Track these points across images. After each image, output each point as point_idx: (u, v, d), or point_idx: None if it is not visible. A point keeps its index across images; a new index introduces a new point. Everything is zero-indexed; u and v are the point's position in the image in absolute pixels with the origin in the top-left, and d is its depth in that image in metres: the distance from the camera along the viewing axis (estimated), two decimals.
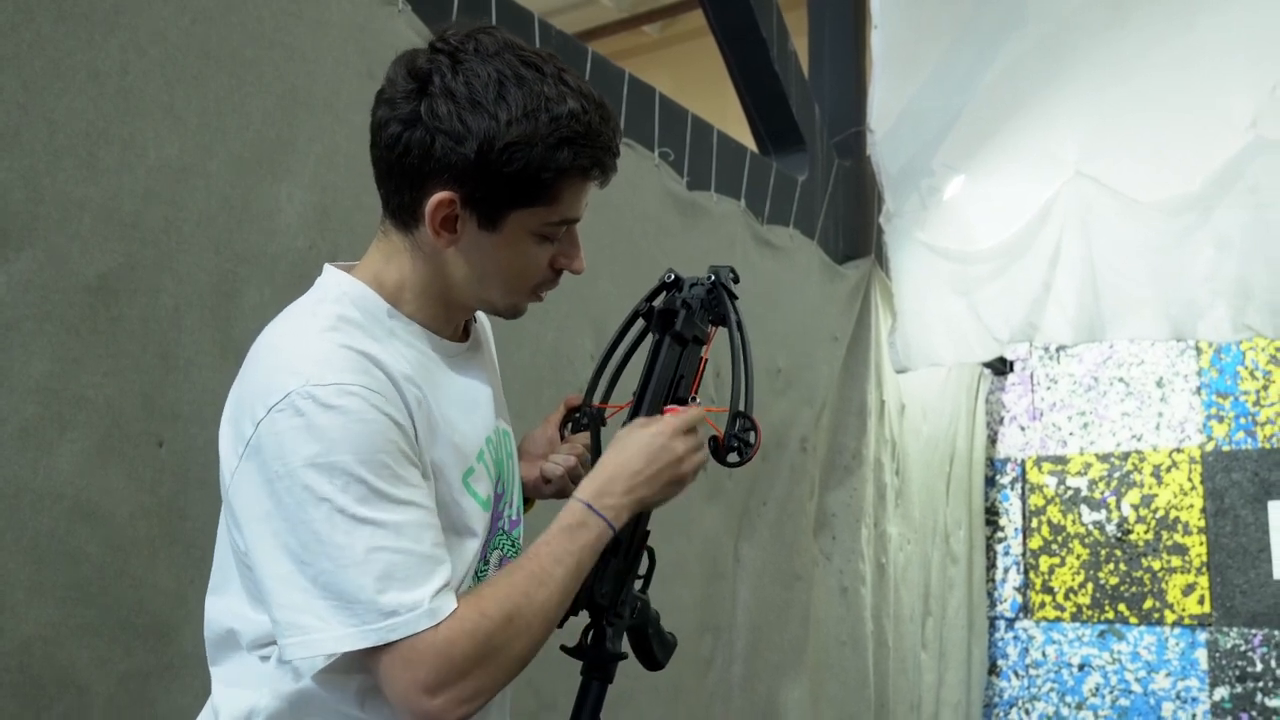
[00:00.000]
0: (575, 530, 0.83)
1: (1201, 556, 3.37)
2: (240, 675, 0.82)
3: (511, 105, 0.77)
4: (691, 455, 0.89)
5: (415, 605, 0.73)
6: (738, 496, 2.28)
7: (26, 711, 1.02)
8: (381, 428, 0.76)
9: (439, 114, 0.78)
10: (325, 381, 0.75)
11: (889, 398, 2.90)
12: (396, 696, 0.75)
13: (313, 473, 0.73)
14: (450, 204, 0.80)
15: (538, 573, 0.80)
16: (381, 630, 0.73)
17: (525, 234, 0.83)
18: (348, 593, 0.73)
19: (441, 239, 0.82)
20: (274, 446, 0.74)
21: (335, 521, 0.73)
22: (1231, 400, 3.42)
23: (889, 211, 2.80)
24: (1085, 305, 2.57)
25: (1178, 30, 2.34)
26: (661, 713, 1.99)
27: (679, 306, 0.98)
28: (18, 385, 1.02)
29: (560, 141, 0.79)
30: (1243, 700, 3.26)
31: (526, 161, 0.78)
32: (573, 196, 0.83)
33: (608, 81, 1.92)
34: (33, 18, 1.04)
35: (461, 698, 0.75)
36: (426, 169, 0.79)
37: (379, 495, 0.74)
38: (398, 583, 0.73)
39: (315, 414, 0.74)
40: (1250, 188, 2.35)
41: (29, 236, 1.03)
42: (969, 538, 3.52)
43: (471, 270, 0.84)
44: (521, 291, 0.88)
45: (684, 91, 2.62)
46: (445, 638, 0.74)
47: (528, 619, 0.78)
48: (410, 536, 0.75)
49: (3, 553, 1.01)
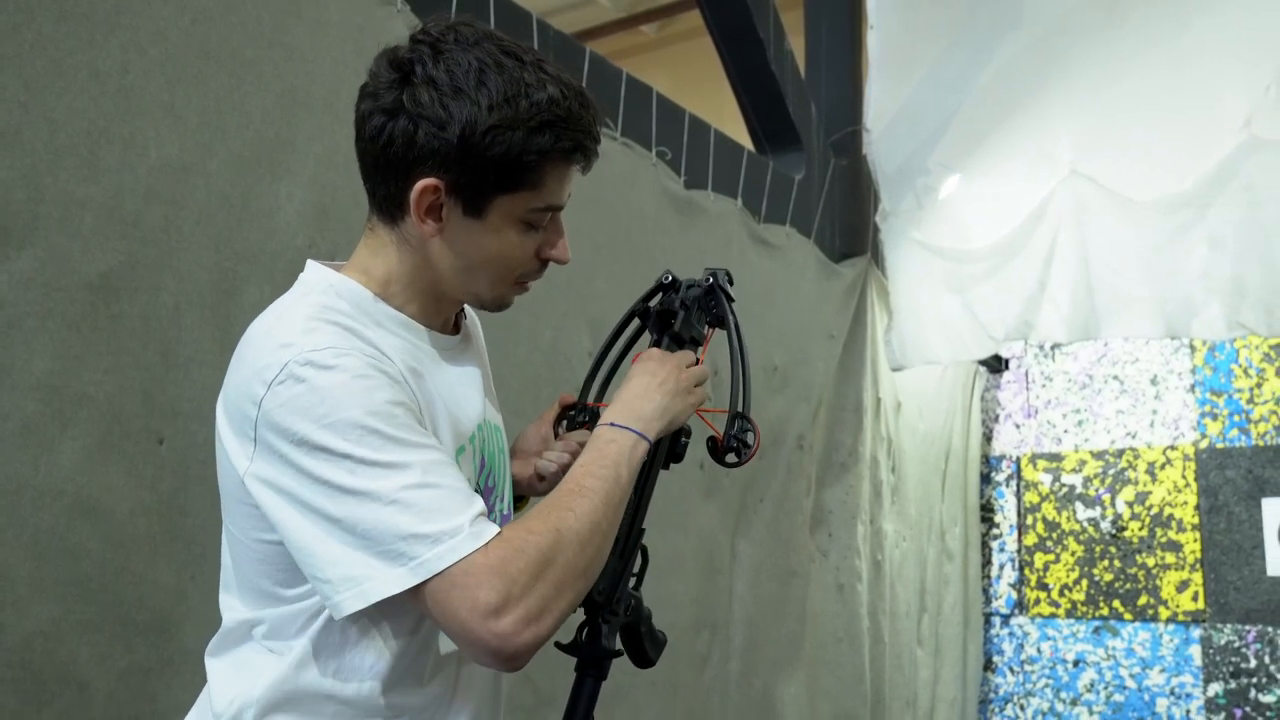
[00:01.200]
0: (604, 445, 0.85)
1: (1195, 553, 3.39)
2: (238, 668, 0.82)
3: (493, 91, 0.78)
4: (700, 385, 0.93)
5: (457, 530, 0.73)
6: (734, 493, 2.29)
7: (28, 707, 1.03)
8: (382, 383, 0.76)
9: (421, 102, 0.78)
10: (320, 347, 0.76)
11: (885, 395, 2.91)
12: (459, 628, 0.73)
13: (326, 433, 0.73)
14: (435, 191, 0.80)
15: (574, 488, 0.81)
16: (429, 561, 0.72)
17: (510, 221, 0.83)
18: (388, 537, 0.72)
19: (427, 227, 0.82)
20: (282, 418, 0.74)
21: (359, 473, 0.73)
22: (1225, 398, 3.44)
23: (885, 210, 2.81)
24: (1080, 303, 2.58)
25: (1172, 31, 2.35)
26: (659, 708, 2.00)
27: (677, 308, 0.98)
28: (19, 382, 1.03)
29: (542, 125, 0.79)
30: (1236, 696, 3.28)
31: (509, 145, 0.79)
32: (556, 182, 0.83)
33: (605, 81, 1.93)
34: (34, 18, 1.05)
35: (529, 615, 0.73)
36: (410, 157, 0.79)
37: (395, 441, 0.74)
38: (435, 515, 0.73)
39: (315, 377, 0.74)
40: (1244, 187, 2.36)
41: (30, 235, 1.04)
42: (964, 534, 3.53)
43: (457, 260, 0.84)
44: (507, 282, 0.88)
45: (681, 91, 2.63)
46: (498, 555, 0.73)
47: (575, 529, 0.77)
48: (436, 473, 0.75)
49: (4, 549, 1.01)
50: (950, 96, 2.60)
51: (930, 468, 3.28)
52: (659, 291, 1.01)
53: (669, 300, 1.00)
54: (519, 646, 0.73)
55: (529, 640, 0.73)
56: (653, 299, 1.02)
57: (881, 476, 2.88)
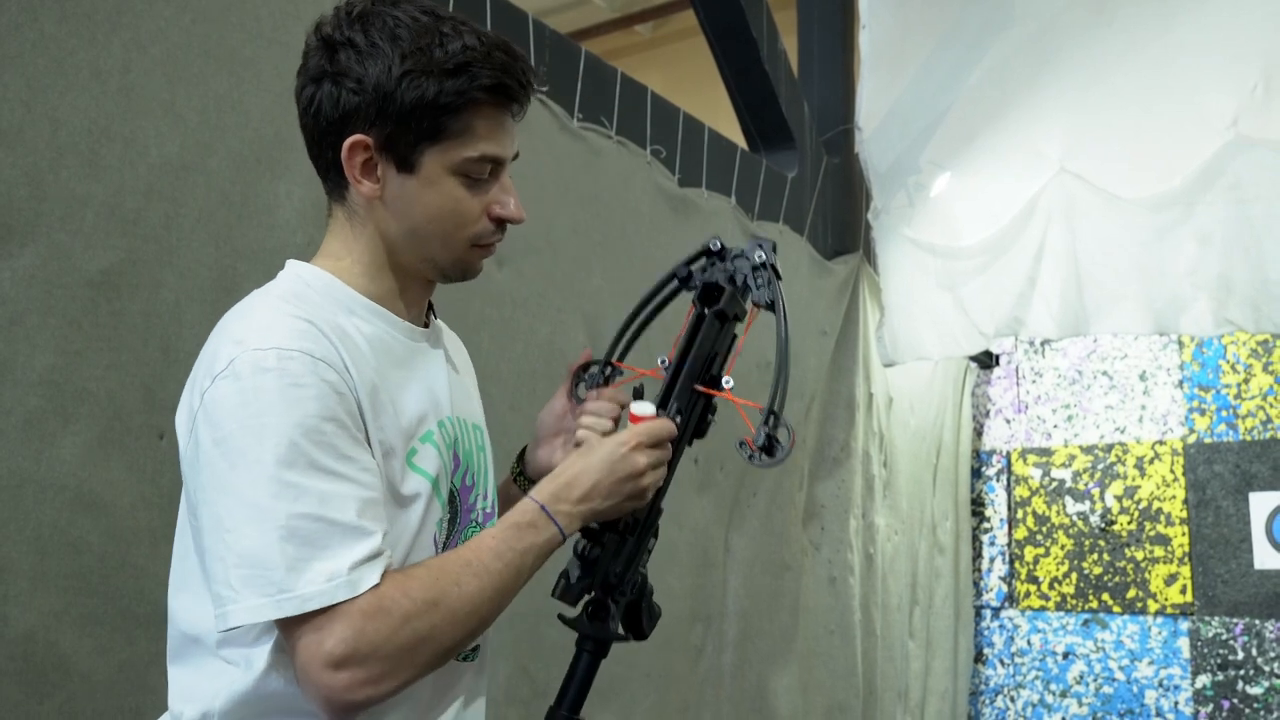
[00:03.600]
0: (524, 529, 0.81)
1: (1184, 547, 3.42)
2: (197, 678, 0.79)
3: (405, 42, 0.78)
4: (651, 471, 0.86)
5: (334, 575, 0.70)
6: (728, 487, 2.31)
7: (29, 699, 1.03)
8: (320, 393, 0.74)
9: (340, 63, 0.79)
10: (265, 346, 0.74)
11: (877, 391, 2.93)
12: (299, 667, 0.72)
13: (246, 435, 0.72)
14: (366, 149, 0.80)
15: (474, 562, 0.77)
16: (296, 600, 0.70)
17: (444, 173, 0.81)
18: (266, 561, 0.70)
19: (365, 187, 0.81)
20: (214, 412, 0.73)
21: (260, 485, 0.71)
22: (1213, 393, 3.47)
23: (877, 208, 2.83)
24: (1069, 300, 2.60)
25: (1159, 30, 2.37)
26: (654, 700, 2.01)
27: (725, 282, 0.93)
28: (21, 378, 1.04)
29: (457, 68, 0.79)
30: (1224, 688, 3.31)
31: (423, 91, 0.78)
32: (486, 127, 0.81)
33: (601, 80, 1.94)
34: (36, 18, 1.06)
35: (367, 678, 0.71)
36: (337, 117, 0.80)
37: (309, 462, 0.72)
38: (318, 552, 0.70)
39: (252, 377, 0.73)
40: (1231, 185, 2.38)
41: (33, 232, 1.05)
42: (955, 528, 3.55)
43: (401, 222, 0.83)
44: (459, 241, 0.85)
45: (675, 90, 2.64)
46: (361, 610, 0.71)
47: (453, 607, 0.74)
48: (336, 507, 0.72)
49: (6, 543, 1.02)
50: (941, 95, 2.62)
51: (921, 462, 3.31)
52: (704, 256, 0.95)
53: (714, 270, 0.94)
54: (348, 703, 0.71)
55: (359, 700, 0.71)
56: (696, 262, 0.96)
57: (873, 471, 2.90)
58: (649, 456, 0.86)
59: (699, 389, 0.93)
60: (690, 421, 0.93)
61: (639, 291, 1.00)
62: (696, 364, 0.93)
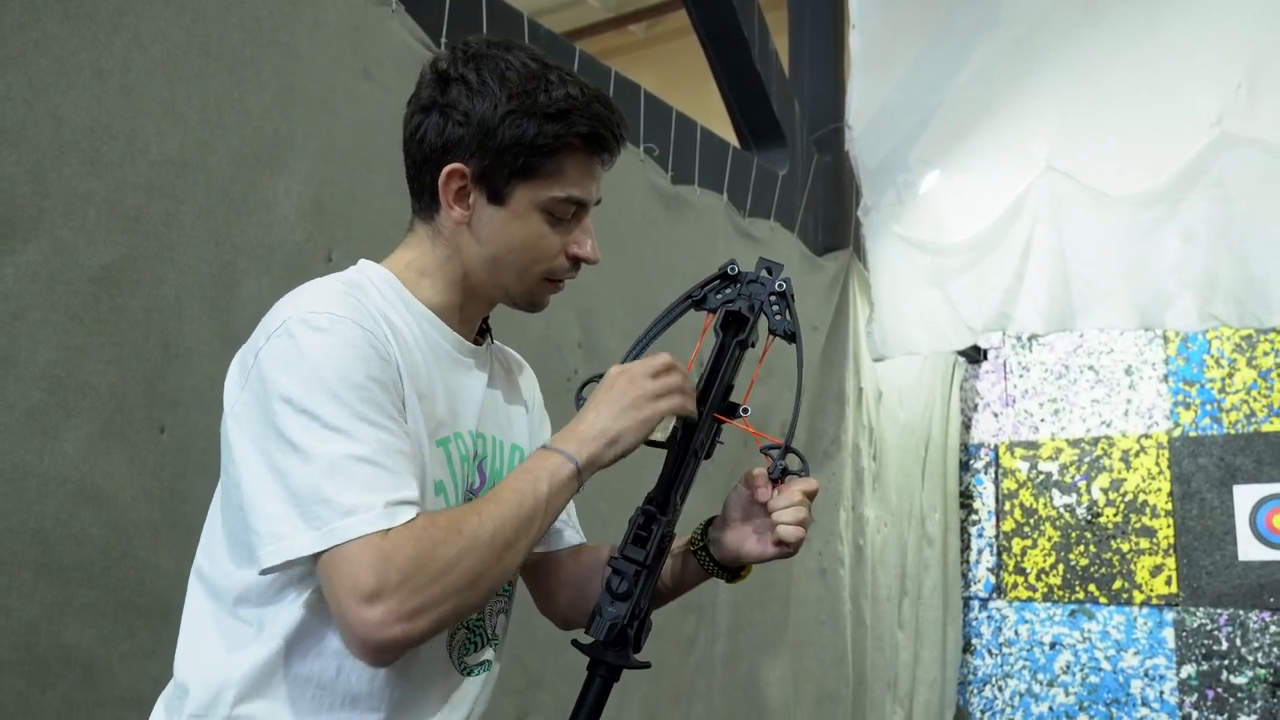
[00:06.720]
0: (532, 461, 0.84)
1: (1169, 539, 3.47)
2: (211, 644, 0.81)
3: (513, 85, 0.84)
4: (666, 395, 0.87)
5: (370, 507, 0.73)
6: (720, 480, 2.33)
7: (33, 689, 1.05)
8: (367, 355, 0.78)
9: (450, 96, 0.85)
10: (319, 309, 0.79)
11: (867, 385, 2.96)
12: (335, 607, 0.73)
13: (297, 388, 0.76)
14: (461, 176, 0.85)
15: (490, 498, 0.80)
16: (336, 530, 0.72)
17: (531, 209, 0.86)
18: (312, 498, 0.73)
19: (455, 213, 0.86)
20: (268, 369, 0.78)
21: (311, 431, 0.74)
22: (1198, 388, 3.51)
23: (867, 205, 2.85)
24: (1056, 296, 2.63)
25: (1145, 30, 2.40)
26: (647, 689, 2.04)
27: (747, 311, 0.94)
28: (24, 373, 1.05)
29: (557, 113, 0.84)
30: (1208, 677, 3.36)
31: (523, 131, 0.84)
32: (576, 172, 0.87)
33: (595, 79, 1.93)
34: (39, 17, 1.07)
35: (402, 611, 0.71)
36: (440, 146, 0.86)
37: (356, 413, 0.75)
38: (358, 488, 0.73)
39: (304, 335, 0.77)
40: (1215, 182, 2.41)
41: (35, 229, 1.06)
42: (944, 520, 3.59)
43: (484, 249, 0.87)
44: (534, 274, 0.89)
45: (668, 89, 2.65)
46: (392, 541, 0.72)
47: (477, 532, 0.76)
48: (382, 453, 0.75)
49: (9, 535, 1.03)
50: (930, 94, 2.65)
51: (911, 455, 3.34)
52: (720, 279, 0.96)
53: (733, 295, 0.95)
54: (384, 640, 0.72)
55: (397, 636, 0.72)
56: (711, 285, 0.96)
57: (863, 464, 2.93)
58: (660, 381, 0.87)
59: (718, 417, 0.94)
60: (709, 449, 0.94)
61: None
62: (719, 394, 0.94)
